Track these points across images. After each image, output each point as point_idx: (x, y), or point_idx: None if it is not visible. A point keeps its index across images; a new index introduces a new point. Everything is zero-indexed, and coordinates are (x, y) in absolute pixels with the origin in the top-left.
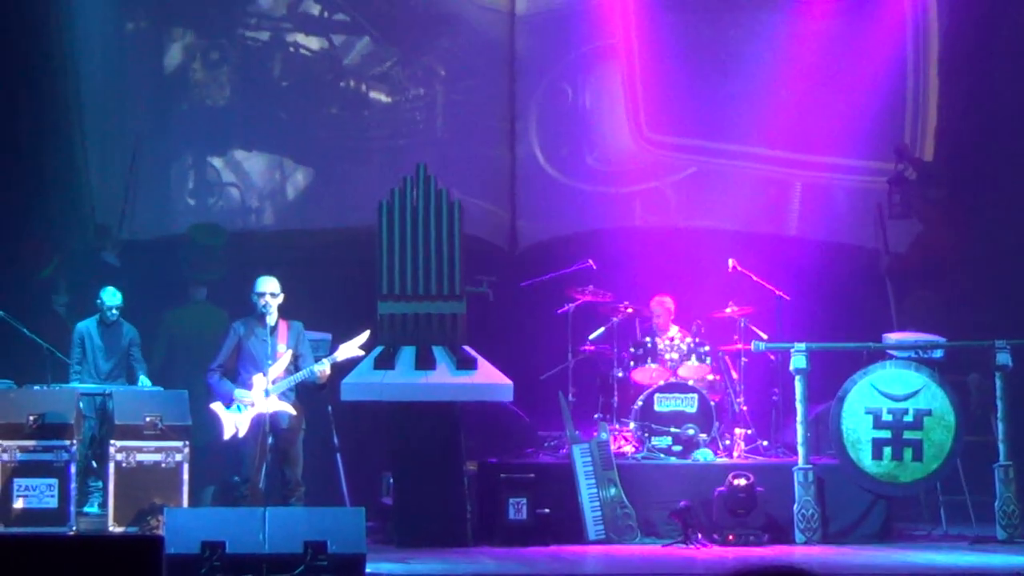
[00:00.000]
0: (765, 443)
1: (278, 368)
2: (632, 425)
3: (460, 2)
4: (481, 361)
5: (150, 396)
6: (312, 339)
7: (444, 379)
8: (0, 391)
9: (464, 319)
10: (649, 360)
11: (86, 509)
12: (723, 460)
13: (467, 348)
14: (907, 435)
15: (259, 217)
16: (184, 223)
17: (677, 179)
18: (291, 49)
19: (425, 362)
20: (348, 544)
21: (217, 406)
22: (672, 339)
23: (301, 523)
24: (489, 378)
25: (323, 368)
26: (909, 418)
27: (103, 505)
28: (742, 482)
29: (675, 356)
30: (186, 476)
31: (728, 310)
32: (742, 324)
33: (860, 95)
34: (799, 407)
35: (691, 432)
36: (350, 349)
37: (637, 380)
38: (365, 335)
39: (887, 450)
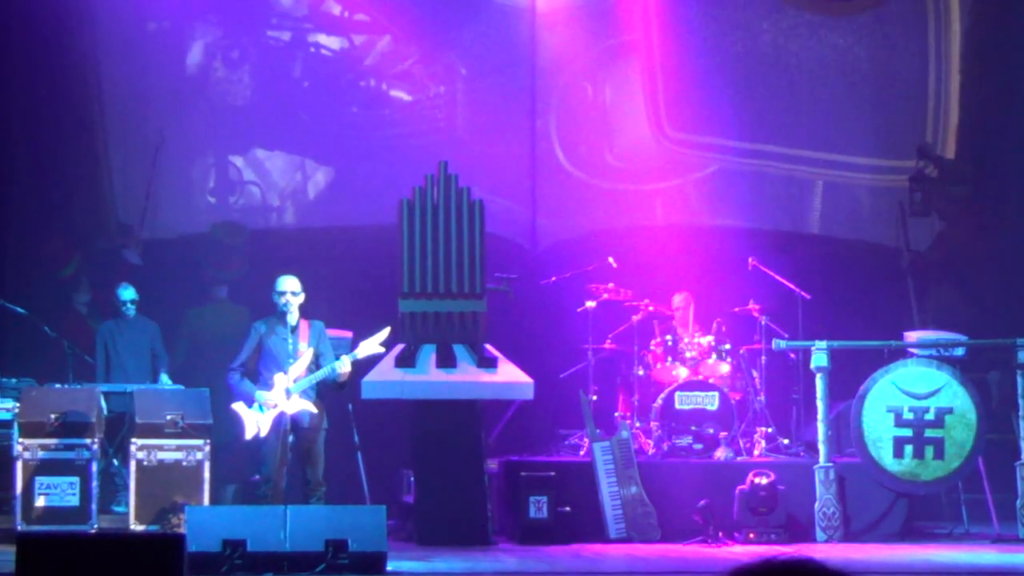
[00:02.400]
0: (786, 441)
1: (299, 367)
2: (653, 424)
3: (481, 0)
4: (502, 359)
5: (171, 394)
6: (333, 338)
7: (465, 377)
8: (22, 390)
9: (485, 317)
10: (669, 358)
11: (115, 508)
12: (744, 459)
13: (488, 346)
14: (928, 433)
15: (280, 216)
16: (205, 222)
17: (698, 177)
18: (312, 49)
19: (446, 360)
20: (369, 542)
21: (239, 406)
22: (693, 337)
23: (322, 521)
24: (510, 376)
25: (343, 366)
26: (930, 416)
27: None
28: (763, 480)
29: (696, 354)
30: (207, 474)
31: (749, 308)
32: (763, 322)
33: (881, 93)
34: (820, 405)
35: (711, 431)
36: (370, 346)
37: (658, 378)
38: (385, 332)
39: (908, 448)
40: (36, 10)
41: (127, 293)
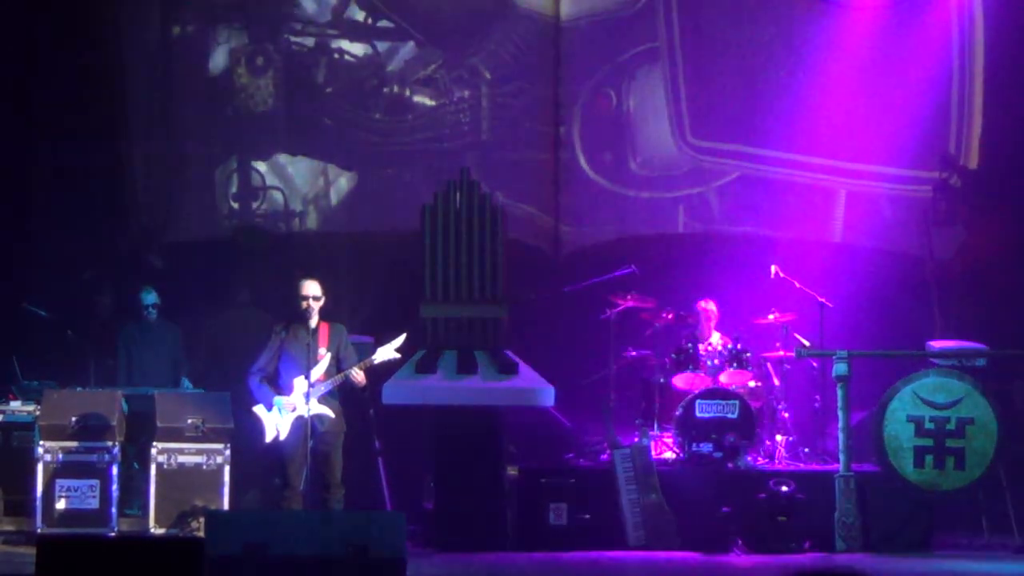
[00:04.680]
0: (806, 450)
1: (319, 371)
2: (673, 431)
3: (504, 6)
4: (523, 366)
5: (192, 398)
6: (354, 342)
7: (486, 383)
8: (44, 392)
9: (506, 323)
10: (691, 366)
11: (126, 510)
12: (764, 466)
13: (509, 352)
14: (949, 443)
15: (303, 221)
16: (228, 226)
17: (720, 185)
18: (336, 55)
19: (467, 366)
20: (388, 548)
21: (259, 409)
22: (714, 345)
23: (342, 526)
24: (531, 383)
25: (357, 373)
26: (951, 426)
27: (142, 507)
28: (783, 489)
29: (717, 362)
30: (227, 478)
31: (771, 316)
32: (784, 331)
33: (905, 103)
34: (841, 414)
35: (732, 439)
36: (386, 352)
37: (679, 386)
38: (401, 338)
39: (929, 458)
40: (61, 14)
41: (149, 297)
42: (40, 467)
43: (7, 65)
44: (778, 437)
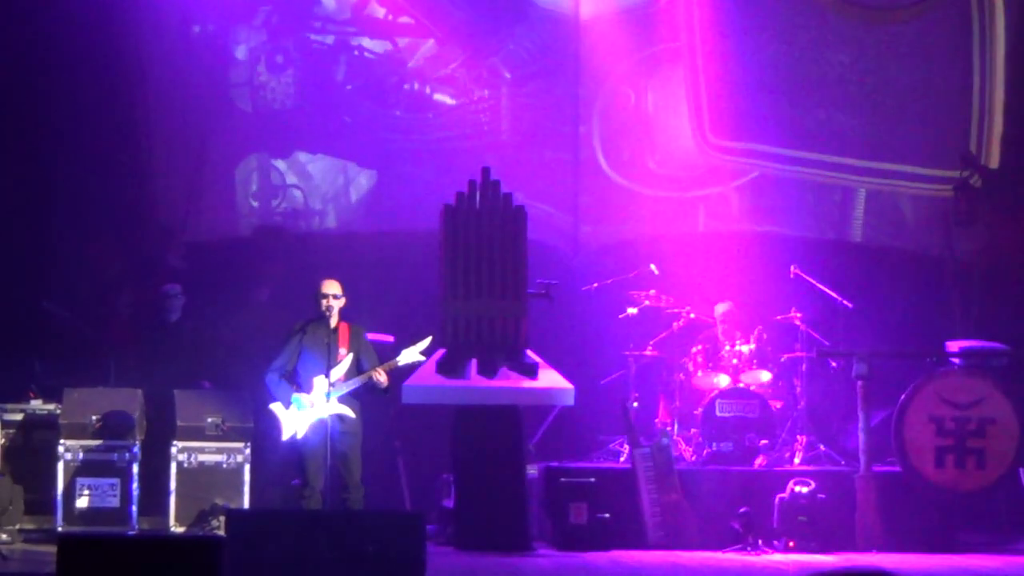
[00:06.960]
0: (826, 449)
1: (339, 371)
2: (693, 431)
3: (525, 5)
4: (543, 365)
5: (212, 397)
6: (373, 341)
7: (506, 383)
8: (64, 391)
9: (526, 323)
10: (711, 366)
11: None
12: (784, 466)
13: (529, 352)
14: (970, 443)
15: (322, 219)
16: (248, 225)
17: (740, 184)
18: (355, 52)
19: (487, 366)
20: (408, 548)
21: (277, 407)
22: (734, 345)
23: (361, 526)
24: (550, 382)
25: (379, 375)
26: (972, 426)
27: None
28: (803, 489)
29: (737, 362)
30: (247, 477)
31: (791, 317)
32: (804, 330)
33: (925, 102)
34: (861, 414)
35: (752, 439)
36: (411, 354)
37: (698, 386)
38: (427, 341)
39: (950, 458)
40: (82, 15)
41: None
42: (61, 465)
43: (27, 64)
44: (798, 437)
